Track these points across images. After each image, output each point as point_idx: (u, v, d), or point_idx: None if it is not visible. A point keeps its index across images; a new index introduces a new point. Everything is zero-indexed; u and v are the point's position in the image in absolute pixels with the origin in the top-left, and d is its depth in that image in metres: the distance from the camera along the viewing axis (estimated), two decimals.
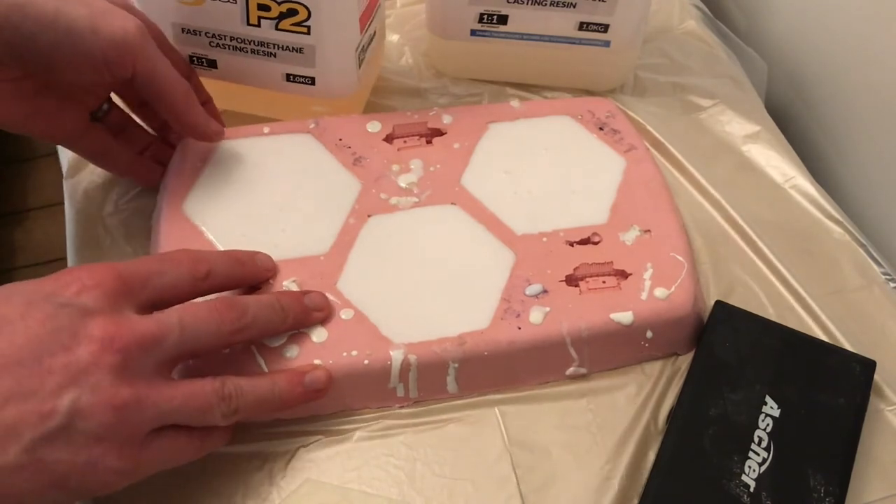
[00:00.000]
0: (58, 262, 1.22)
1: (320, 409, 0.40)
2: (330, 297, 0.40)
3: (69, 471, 0.28)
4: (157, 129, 0.48)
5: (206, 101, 0.47)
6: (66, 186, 0.50)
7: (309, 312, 0.39)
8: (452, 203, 0.45)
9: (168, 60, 0.41)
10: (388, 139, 0.48)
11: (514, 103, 0.51)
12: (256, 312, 0.36)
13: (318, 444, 0.39)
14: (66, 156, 0.51)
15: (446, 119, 0.50)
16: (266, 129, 0.48)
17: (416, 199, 0.45)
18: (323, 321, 0.39)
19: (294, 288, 0.40)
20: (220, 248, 0.42)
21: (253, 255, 0.40)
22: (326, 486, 0.38)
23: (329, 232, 0.43)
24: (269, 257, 0.41)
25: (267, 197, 0.45)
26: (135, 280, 0.32)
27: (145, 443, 0.30)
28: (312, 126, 0.48)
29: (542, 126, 0.50)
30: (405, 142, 0.48)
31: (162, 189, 0.46)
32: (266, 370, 0.38)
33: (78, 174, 0.50)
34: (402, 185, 0.46)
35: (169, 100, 0.41)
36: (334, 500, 0.37)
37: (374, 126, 0.49)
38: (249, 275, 0.39)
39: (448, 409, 0.41)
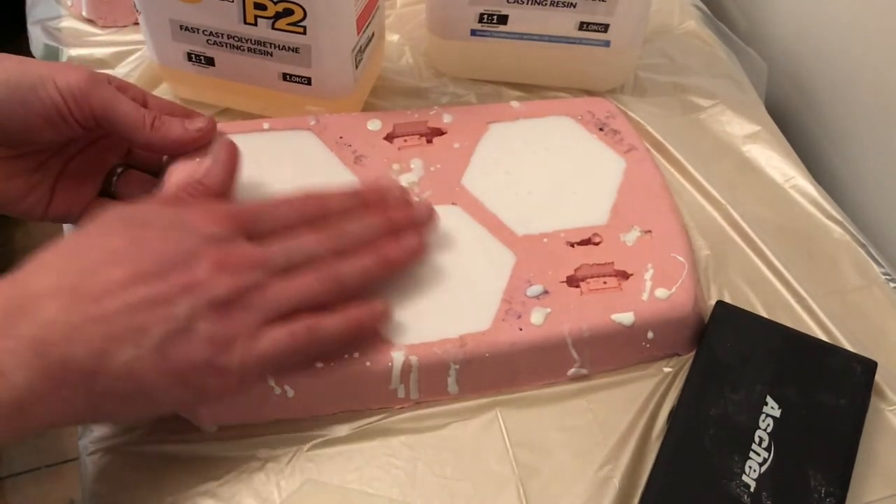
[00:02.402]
0: None
1: (321, 409, 0.40)
2: None
3: (189, 369, 0.33)
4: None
5: (188, 116, 0.46)
6: None
7: (412, 221, 0.41)
8: (453, 203, 0.45)
9: (123, 95, 0.41)
10: (389, 138, 0.48)
11: (514, 103, 0.51)
12: (357, 230, 0.39)
13: (318, 445, 0.39)
14: None
15: (447, 118, 0.50)
16: (266, 126, 0.48)
17: (417, 199, 0.45)
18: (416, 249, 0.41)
19: None
20: None
21: (382, 188, 0.42)
22: (327, 486, 0.38)
23: None
24: (401, 187, 0.43)
25: (267, 194, 0.44)
26: (248, 218, 0.37)
27: (255, 343, 0.34)
28: (313, 123, 0.48)
29: (542, 126, 0.50)
30: (406, 141, 0.48)
31: (160, 187, 0.45)
32: None
33: None
34: (403, 184, 0.46)
35: (133, 128, 0.41)
36: (335, 500, 0.37)
37: (374, 124, 0.49)
38: (370, 209, 0.41)
39: (449, 410, 0.41)
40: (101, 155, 0.46)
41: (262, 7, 0.46)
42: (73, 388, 0.31)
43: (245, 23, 0.47)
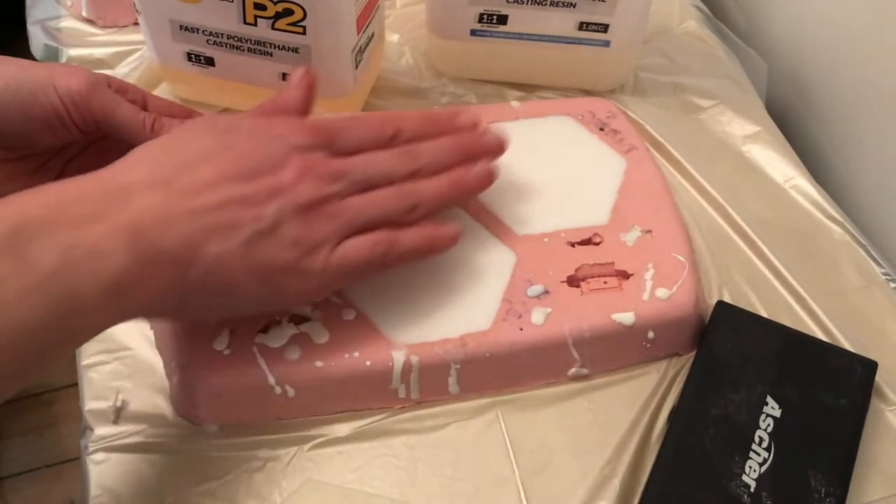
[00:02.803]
0: None
1: (322, 409, 0.40)
2: (332, 298, 0.40)
3: (273, 269, 0.34)
4: None
5: (188, 116, 0.46)
6: None
7: (483, 149, 0.42)
8: None
9: (122, 99, 0.42)
10: None
11: (515, 104, 0.51)
12: (431, 153, 0.40)
13: (319, 445, 0.39)
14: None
15: None
16: None
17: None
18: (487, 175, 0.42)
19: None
20: None
21: (452, 114, 0.43)
22: (327, 486, 0.38)
23: None
24: (472, 113, 0.43)
25: None
26: (329, 132, 0.38)
27: (336, 250, 0.36)
28: None
29: (542, 126, 0.50)
30: None
31: None
32: (267, 371, 0.38)
33: None
34: None
35: (133, 131, 0.42)
36: (335, 500, 0.37)
37: None
38: (443, 133, 0.42)
39: (450, 410, 0.41)
40: (101, 157, 0.45)
41: (262, 7, 0.46)
42: (166, 276, 0.32)
43: (245, 23, 0.47)
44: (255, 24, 0.47)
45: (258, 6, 0.46)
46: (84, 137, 0.42)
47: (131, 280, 0.30)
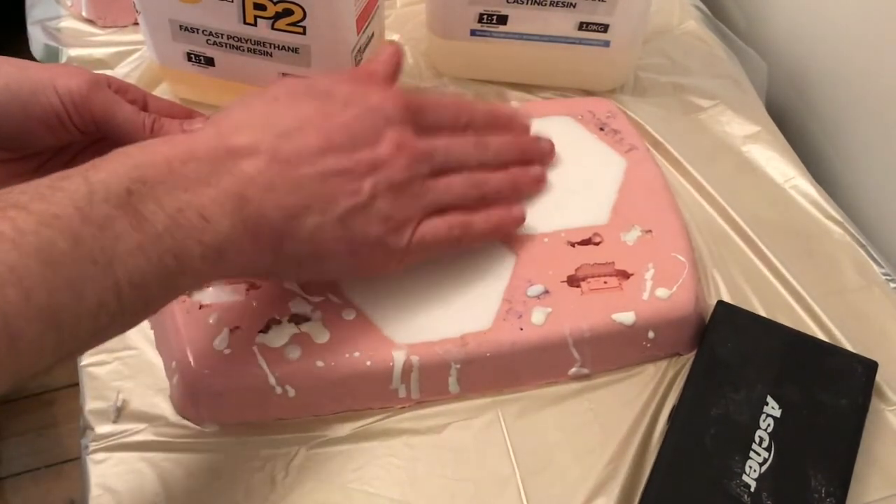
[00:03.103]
0: None
1: (322, 409, 0.40)
2: (332, 297, 0.40)
3: (363, 242, 0.36)
4: None
5: (189, 116, 0.46)
6: None
7: (538, 153, 0.46)
8: None
9: (122, 100, 0.42)
10: None
11: (515, 103, 0.51)
12: (496, 147, 0.43)
13: (319, 444, 0.39)
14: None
15: None
16: None
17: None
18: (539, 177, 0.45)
19: (296, 287, 0.40)
20: None
21: (512, 114, 0.47)
22: (328, 486, 0.38)
23: None
24: (525, 115, 0.47)
25: None
26: (417, 108, 0.39)
27: (418, 228, 0.38)
28: None
29: (542, 126, 0.50)
30: None
31: None
32: (268, 371, 0.38)
33: None
34: None
35: (133, 132, 0.42)
36: (336, 500, 0.37)
37: None
38: (503, 131, 0.45)
39: (450, 410, 0.41)
40: (101, 156, 0.46)
41: (262, 7, 0.46)
42: (264, 244, 0.33)
43: (245, 23, 0.47)
44: (255, 25, 0.47)
45: (258, 6, 0.46)
46: (83, 138, 0.42)
47: (231, 245, 0.32)
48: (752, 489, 0.37)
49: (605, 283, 0.42)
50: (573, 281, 0.42)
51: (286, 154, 0.34)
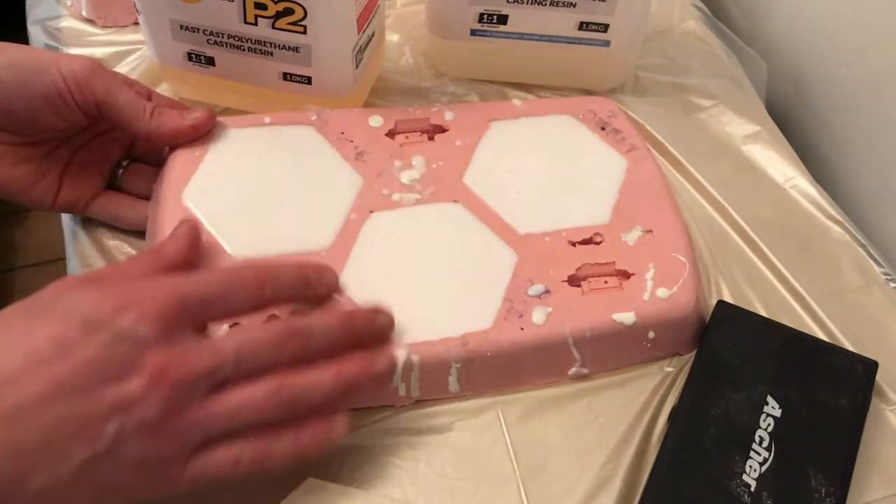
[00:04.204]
0: (58, 262, 1.22)
1: None
2: (333, 295, 0.39)
3: (113, 490, 0.30)
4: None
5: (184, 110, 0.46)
6: None
7: (380, 337, 0.37)
8: (455, 201, 0.45)
9: (125, 85, 0.42)
10: (391, 134, 0.48)
11: (516, 101, 0.51)
12: (321, 339, 0.34)
13: None
14: None
15: (448, 116, 0.49)
16: (267, 120, 0.47)
17: (419, 196, 0.45)
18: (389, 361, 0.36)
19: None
20: (219, 238, 0.41)
21: (321, 272, 0.38)
22: (328, 485, 0.38)
23: (330, 227, 0.43)
24: (334, 273, 0.38)
25: (267, 189, 0.44)
26: (196, 304, 0.32)
27: (190, 464, 0.31)
28: (314, 118, 0.48)
29: (544, 125, 0.50)
30: (407, 137, 0.48)
31: (160, 178, 0.45)
32: None
33: None
34: (405, 181, 0.46)
35: (133, 117, 0.42)
36: (335, 500, 0.37)
37: (376, 120, 0.49)
38: (314, 295, 0.38)
39: (450, 410, 0.41)
40: (107, 147, 0.46)
41: (263, 7, 0.46)
42: None
43: (245, 22, 0.47)
44: (256, 24, 0.47)
45: (259, 6, 0.46)
46: (88, 124, 0.42)
47: None
48: (753, 489, 0.37)
49: (606, 282, 0.42)
50: (574, 280, 0.42)
51: (4, 409, 0.28)
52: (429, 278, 0.41)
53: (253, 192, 0.44)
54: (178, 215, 0.42)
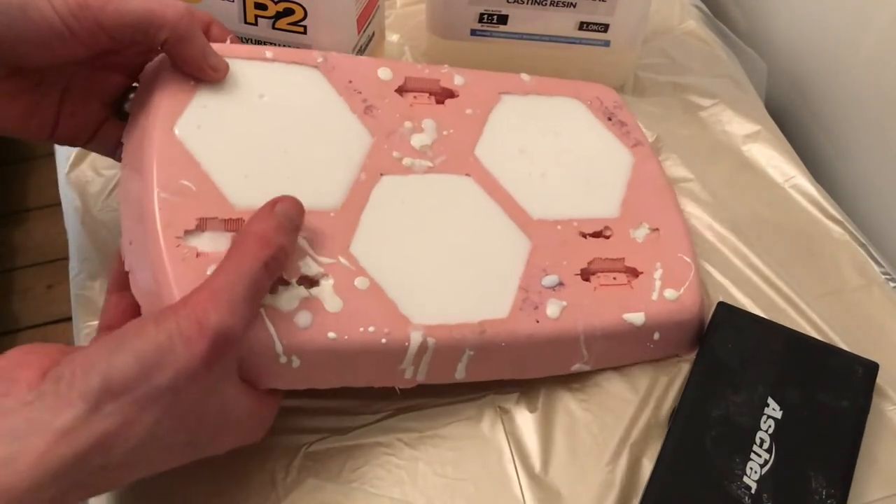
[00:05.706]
0: (58, 262, 1.22)
1: (322, 382, 0.37)
2: (343, 261, 0.37)
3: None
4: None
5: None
6: (63, 183, 0.50)
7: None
8: (467, 174, 0.43)
9: None
10: (400, 91, 0.45)
11: (525, 76, 0.50)
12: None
13: (320, 443, 0.39)
14: (63, 152, 0.51)
15: (458, 80, 0.47)
16: (269, 54, 0.42)
17: (430, 164, 0.42)
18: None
19: (304, 245, 0.37)
20: (219, 184, 0.37)
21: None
22: (328, 485, 0.38)
23: (340, 186, 0.40)
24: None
25: (270, 133, 0.40)
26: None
27: None
28: (320, 60, 0.43)
29: (553, 106, 0.48)
30: (416, 97, 0.45)
31: (143, 102, 0.39)
32: (276, 338, 0.34)
33: (75, 170, 0.50)
34: (416, 145, 0.43)
35: (154, 21, 0.36)
36: (335, 500, 0.37)
37: (385, 73, 0.45)
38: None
39: (451, 410, 0.41)
40: (108, 73, 0.41)
41: (263, 7, 0.46)
42: None
43: (245, 22, 0.47)
44: (256, 24, 0.47)
45: (259, 6, 0.46)
46: (88, 52, 0.36)
47: None
48: (753, 491, 0.37)
49: (615, 279, 0.42)
50: (585, 274, 0.41)
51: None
52: (442, 256, 0.39)
53: (254, 134, 0.39)
54: (173, 152, 0.37)
